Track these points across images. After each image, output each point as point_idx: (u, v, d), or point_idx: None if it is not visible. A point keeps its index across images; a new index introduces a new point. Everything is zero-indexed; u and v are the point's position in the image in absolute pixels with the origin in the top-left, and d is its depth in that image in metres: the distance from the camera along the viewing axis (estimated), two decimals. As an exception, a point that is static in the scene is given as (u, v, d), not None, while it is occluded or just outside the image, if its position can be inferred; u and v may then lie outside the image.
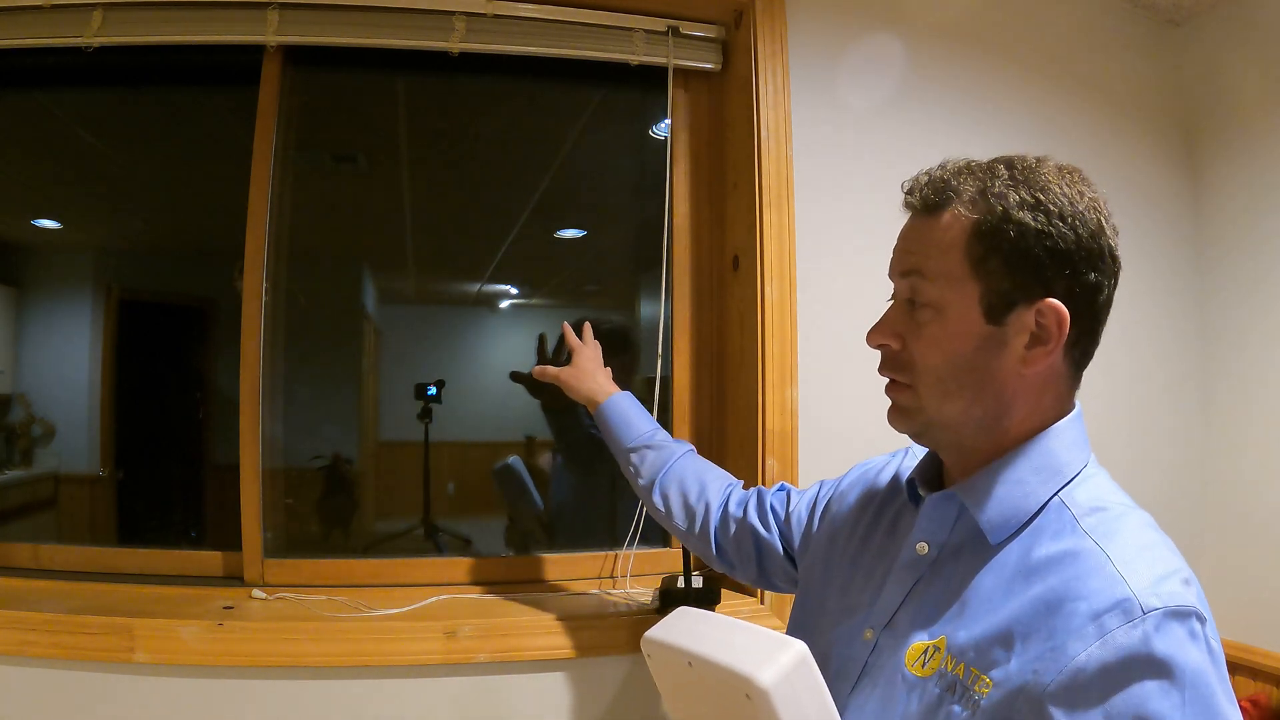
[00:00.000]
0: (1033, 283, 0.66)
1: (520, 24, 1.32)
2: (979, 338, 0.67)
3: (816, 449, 1.28)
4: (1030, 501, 0.66)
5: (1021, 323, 0.66)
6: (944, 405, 0.69)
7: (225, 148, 1.45)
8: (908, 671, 0.66)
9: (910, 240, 0.72)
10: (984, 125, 1.47)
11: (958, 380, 0.68)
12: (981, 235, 0.67)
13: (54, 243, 1.61)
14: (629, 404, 1.12)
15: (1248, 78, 1.56)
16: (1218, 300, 1.62)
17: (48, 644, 1.05)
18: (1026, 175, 0.68)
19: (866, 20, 1.41)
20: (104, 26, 1.23)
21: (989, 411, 0.68)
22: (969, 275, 0.67)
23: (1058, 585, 0.60)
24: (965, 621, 0.64)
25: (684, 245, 1.43)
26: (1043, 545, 0.63)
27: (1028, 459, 0.68)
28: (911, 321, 0.71)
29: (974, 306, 0.67)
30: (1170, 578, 0.58)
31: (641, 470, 1.08)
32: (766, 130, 1.31)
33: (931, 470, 0.77)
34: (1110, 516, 0.64)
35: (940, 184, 0.70)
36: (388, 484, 1.66)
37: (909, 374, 0.71)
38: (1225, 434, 1.61)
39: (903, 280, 0.72)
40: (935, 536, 0.71)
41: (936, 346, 0.69)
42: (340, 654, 1.10)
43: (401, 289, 1.66)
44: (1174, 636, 0.55)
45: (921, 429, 0.72)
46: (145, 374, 1.61)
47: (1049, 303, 0.65)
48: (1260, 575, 1.52)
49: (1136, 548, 0.61)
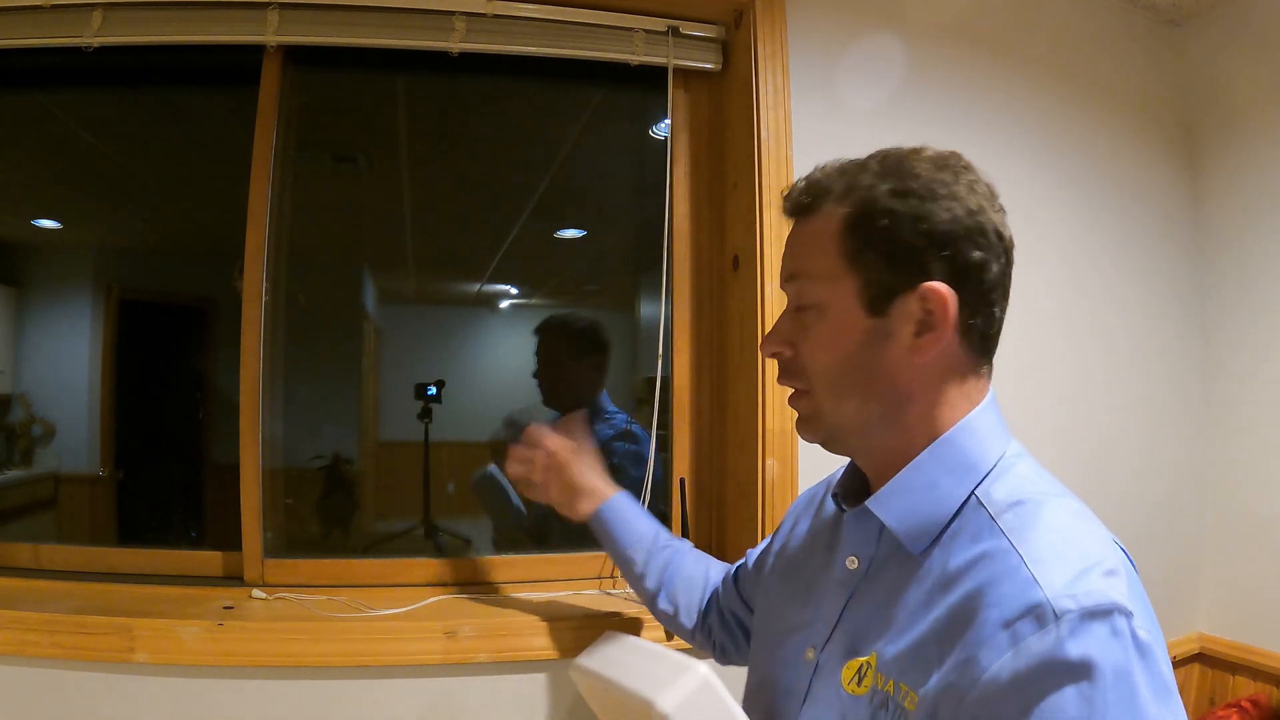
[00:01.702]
0: (911, 268, 0.64)
1: (520, 24, 1.32)
2: (863, 332, 0.66)
3: (816, 449, 1.27)
4: (945, 505, 0.64)
5: (906, 311, 0.64)
6: (840, 406, 0.68)
7: (225, 148, 1.45)
8: (843, 690, 0.64)
9: (789, 245, 0.72)
10: (984, 125, 1.47)
11: (848, 379, 0.67)
12: (853, 228, 0.65)
13: (54, 243, 1.61)
14: (627, 506, 1.05)
15: (1248, 78, 1.56)
16: (1218, 299, 1.62)
17: (48, 644, 1.04)
18: (897, 165, 0.66)
19: (866, 20, 1.41)
20: (104, 26, 1.23)
21: (886, 407, 0.67)
22: (846, 270, 0.66)
23: (972, 592, 0.57)
24: (892, 636, 0.62)
25: (684, 245, 1.43)
26: (962, 549, 0.61)
27: (937, 460, 0.65)
28: (799, 326, 0.70)
29: (854, 301, 0.66)
30: (1088, 573, 0.55)
31: (648, 575, 1.01)
32: (766, 130, 1.31)
33: (855, 481, 0.75)
34: (1027, 510, 0.60)
35: (812, 186, 0.69)
36: (387, 484, 1.66)
37: (804, 379, 0.71)
38: (1226, 433, 1.61)
39: (787, 286, 0.71)
40: (863, 550, 0.69)
41: (823, 347, 0.68)
42: (340, 654, 1.10)
43: (401, 289, 1.67)
44: (1091, 637, 0.52)
45: (826, 436, 0.71)
46: (145, 374, 1.61)
47: (930, 286, 0.63)
48: (1260, 575, 1.52)
49: (1052, 542, 0.57)
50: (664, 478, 1.41)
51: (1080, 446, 1.50)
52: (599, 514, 1.04)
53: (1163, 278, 1.62)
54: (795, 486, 1.27)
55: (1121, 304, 1.57)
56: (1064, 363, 1.50)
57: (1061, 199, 1.52)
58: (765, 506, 1.26)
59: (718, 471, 1.41)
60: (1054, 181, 1.52)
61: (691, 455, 1.41)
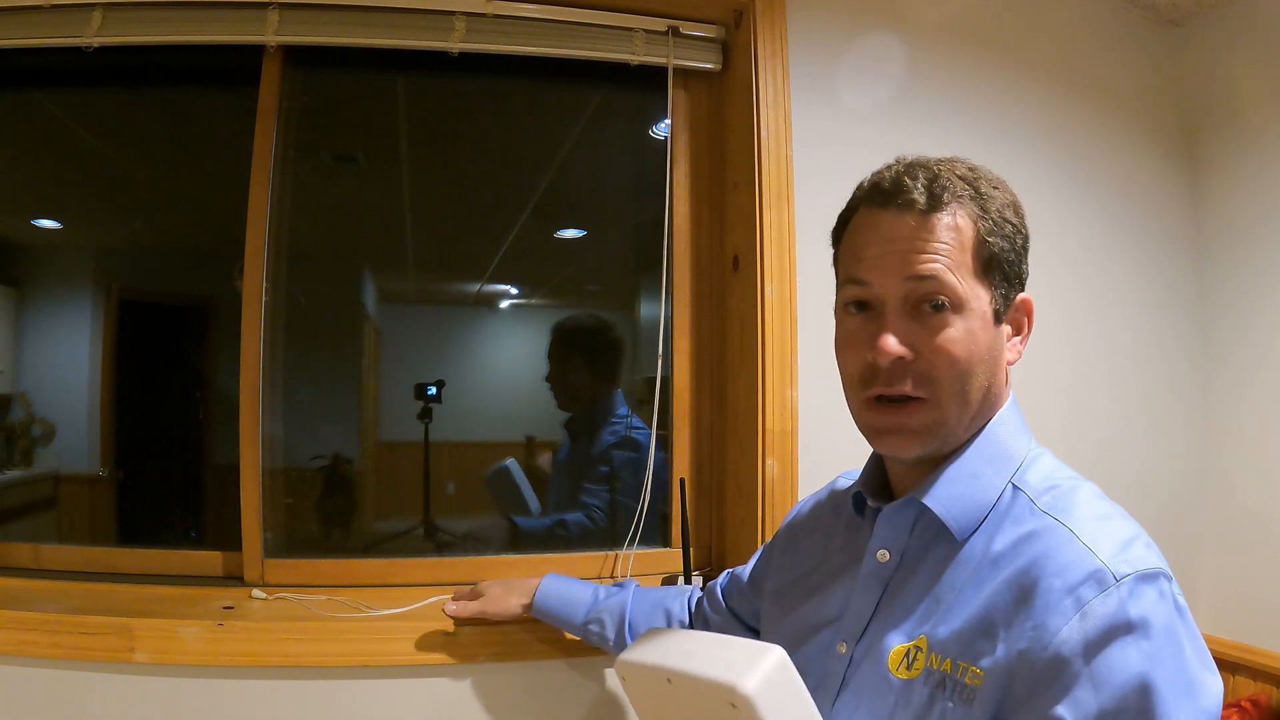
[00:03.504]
0: (1017, 280, 0.71)
1: (520, 24, 1.32)
2: (992, 338, 0.69)
3: (816, 449, 1.27)
4: (989, 493, 0.68)
5: (1014, 319, 0.71)
6: (962, 414, 0.68)
7: (225, 148, 1.45)
8: (893, 676, 0.65)
9: (918, 240, 0.67)
10: (984, 125, 1.47)
11: (975, 384, 0.68)
12: (987, 236, 0.68)
13: (54, 243, 1.61)
14: (558, 583, 1.08)
15: (1248, 78, 1.56)
16: (1218, 299, 1.62)
17: (48, 644, 1.04)
18: (989, 176, 0.71)
19: (866, 20, 1.41)
20: (104, 26, 1.23)
21: (979, 409, 0.70)
22: (980, 275, 0.68)
23: (1028, 566, 0.61)
24: (943, 618, 0.64)
25: (684, 245, 1.43)
26: (1005, 532, 0.65)
27: (978, 451, 0.70)
28: (923, 328, 0.67)
29: (987, 307, 0.68)
30: (1133, 543, 0.61)
31: (607, 633, 1.03)
32: (766, 130, 1.31)
33: (876, 480, 0.77)
34: (1063, 493, 0.66)
35: (936, 182, 0.67)
36: (388, 484, 1.66)
37: (928, 387, 0.67)
38: (1225, 433, 1.61)
39: (914, 283, 0.66)
40: (895, 543, 0.71)
41: (962, 351, 0.66)
42: (340, 654, 1.10)
43: (401, 289, 1.67)
44: (1146, 598, 0.57)
45: (937, 449, 0.69)
46: (145, 374, 1.61)
47: (1025, 297, 0.72)
48: (1260, 575, 1.52)
49: (1094, 518, 0.63)
50: (664, 478, 1.41)
51: (1079, 446, 1.50)
52: (538, 603, 1.07)
53: (1162, 277, 1.62)
54: (795, 486, 1.27)
55: (1121, 304, 1.57)
56: (1064, 362, 1.50)
57: (1061, 198, 1.52)
58: (765, 507, 1.26)
59: (718, 472, 1.41)
60: (1053, 181, 1.52)
61: (691, 455, 1.41)
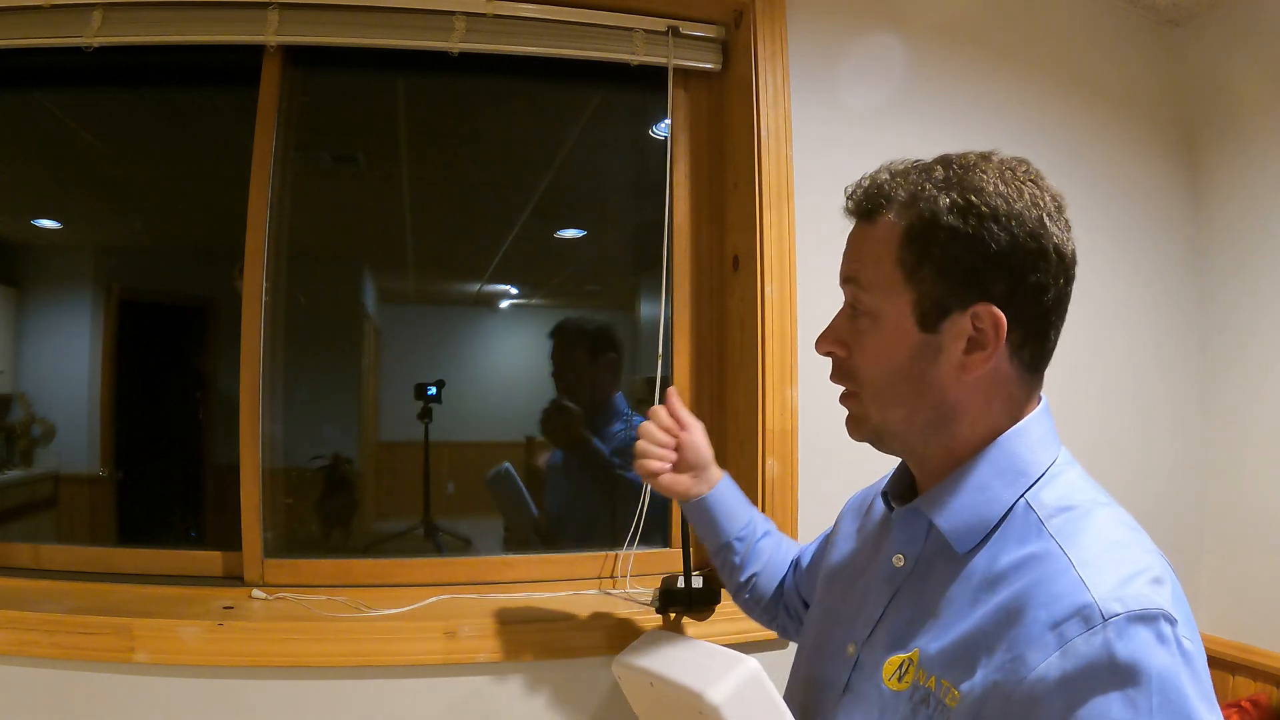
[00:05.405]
0: (967, 288, 0.63)
1: (520, 24, 1.32)
2: (913, 346, 0.66)
3: (816, 449, 1.27)
4: (995, 507, 0.64)
5: (957, 329, 0.64)
6: (886, 413, 0.69)
7: (225, 148, 1.45)
8: (884, 686, 0.65)
9: (849, 247, 0.72)
10: (984, 125, 1.47)
11: (896, 389, 0.68)
12: (912, 242, 0.65)
13: (54, 243, 1.61)
14: (730, 490, 1.01)
15: (1248, 78, 1.56)
16: (1217, 300, 1.62)
17: (48, 644, 1.04)
18: (961, 176, 0.65)
19: (866, 20, 1.41)
20: (104, 26, 1.23)
21: (932, 419, 0.67)
22: (902, 283, 0.66)
23: (1020, 592, 0.58)
24: (936, 633, 0.62)
25: (684, 245, 1.43)
26: (1008, 551, 0.61)
27: (990, 463, 0.66)
28: (854, 329, 0.71)
29: (908, 314, 0.66)
30: (1136, 578, 0.55)
31: (745, 566, 1.00)
32: (766, 130, 1.31)
33: (903, 482, 0.76)
34: (1076, 515, 0.61)
35: (875, 189, 0.68)
36: (387, 484, 1.66)
37: (854, 382, 0.71)
38: (1225, 433, 1.61)
39: (845, 286, 0.72)
40: (910, 549, 0.70)
41: (874, 356, 0.69)
42: (340, 654, 1.10)
43: (401, 289, 1.67)
44: (1139, 640, 0.52)
45: (873, 437, 0.72)
46: (145, 374, 1.61)
47: (984, 308, 0.63)
48: (1260, 576, 1.52)
49: (1101, 547, 0.58)
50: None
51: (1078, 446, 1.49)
52: (706, 500, 0.98)
53: (1162, 278, 1.62)
54: (795, 486, 1.27)
55: (1121, 304, 1.57)
56: (1063, 362, 1.49)
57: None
58: (765, 507, 1.25)
59: (718, 471, 1.41)
60: (1053, 181, 1.52)
61: (691, 455, 1.40)
